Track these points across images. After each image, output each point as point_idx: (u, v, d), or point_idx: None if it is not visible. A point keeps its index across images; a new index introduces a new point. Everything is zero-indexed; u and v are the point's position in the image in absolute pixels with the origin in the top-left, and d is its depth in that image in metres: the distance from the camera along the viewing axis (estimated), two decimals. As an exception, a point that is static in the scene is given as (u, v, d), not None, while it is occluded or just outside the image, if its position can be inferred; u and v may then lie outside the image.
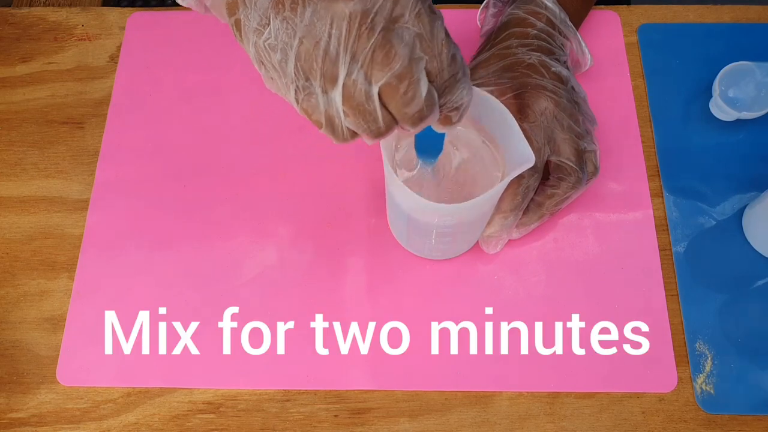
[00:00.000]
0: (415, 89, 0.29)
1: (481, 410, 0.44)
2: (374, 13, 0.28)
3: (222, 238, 0.49)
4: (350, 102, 0.30)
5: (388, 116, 0.31)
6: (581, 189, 0.46)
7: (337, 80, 0.29)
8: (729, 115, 0.50)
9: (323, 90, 0.30)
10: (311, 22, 0.28)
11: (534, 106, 0.45)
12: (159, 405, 0.45)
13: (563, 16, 0.48)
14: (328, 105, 0.30)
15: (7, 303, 0.48)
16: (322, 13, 0.28)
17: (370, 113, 0.30)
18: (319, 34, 0.28)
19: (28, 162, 0.53)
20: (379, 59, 0.29)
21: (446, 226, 0.41)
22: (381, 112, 0.30)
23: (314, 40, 0.29)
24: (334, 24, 0.28)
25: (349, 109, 0.30)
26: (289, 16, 0.29)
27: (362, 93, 0.29)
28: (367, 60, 0.29)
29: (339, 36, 0.28)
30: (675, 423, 0.44)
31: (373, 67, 0.29)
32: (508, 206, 0.44)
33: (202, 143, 0.52)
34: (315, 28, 0.28)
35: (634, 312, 0.46)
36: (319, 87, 0.30)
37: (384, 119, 0.30)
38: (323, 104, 0.30)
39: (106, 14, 0.58)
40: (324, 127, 0.31)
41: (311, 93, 0.30)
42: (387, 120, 0.31)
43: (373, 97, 0.29)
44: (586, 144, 0.46)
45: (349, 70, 0.29)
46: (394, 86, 0.29)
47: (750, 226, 0.48)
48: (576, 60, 0.51)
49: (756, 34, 0.55)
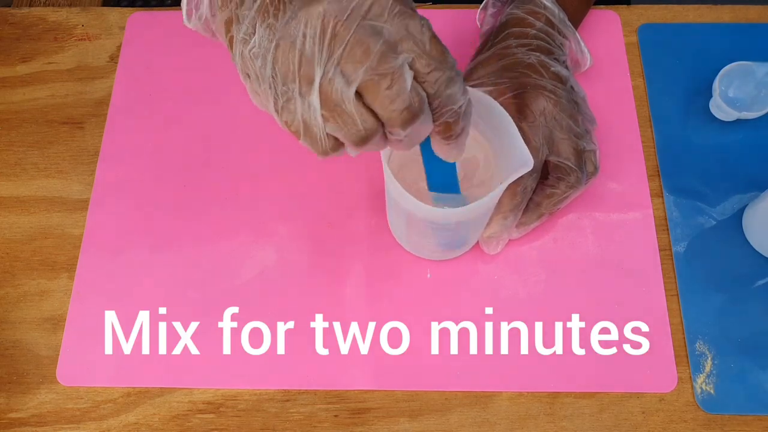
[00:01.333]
0: (399, 84, 0.28)
1: (481, 410, 0.44)
2: (349, 11, 0.27)
3: (222, 238, 0.49)
4: (328, 104, 0.28)
5: (370, 118, 0.29)
6: (580, 188, 0.46)
7: (313, 81, 0.28)
8: (729, 115, 0.50)
9: (301, 94, 0.29)
10: (288, 25, 0.28)
11: (533, 106, 0.45)
12: (159, 405, 0.45)
13: (562, 16, 0.48)
14: (306, 111, 0.29)
15: (7, 303, 0.48)
16: (299, 15, 0.28)
17: (348, 115, 0.28)
18: (294, 35, 0.28)
19: (28, 162, 0.53)
20: (355, 56, 0.27)
21: (445, 227, 0.41)
22: (360, 113, 0.28)
23: (290, 41, 0.28)
24: (308, 24, 0.28)
25: (328, 112, 0.29)
26: (272, 23, 0.29)
27: (339, 93, 0.28)
28: (343, 57, 0.27)
29: (314, 35, 0.28)
30: (675, 423, 0.44)
31: (349, 64, 0.28)
32: (507, 207, 0.44)
33: (202, 143, 0.52)
34: (291, 30, 0.28)
35: (634, 312, 0.46)
36: (297, 91, 0.29)
37: (364, 121, 0.29)
38: (301, 110, 0.29)
39: (106, 14, 0.58)
40: (302, 136, 0.30)
41: (289, 98, 0.29)
42: (368, 122, 0.29)
43: (350, 96, 0.28)
44: (585, 143, 0.46)
45: (326, 69, 0.28)
46: (375, 83, 0.28)
47: (750, 226, 0.48)
48: (575, 60, 0.51)
49: (756, 34, 0.55)
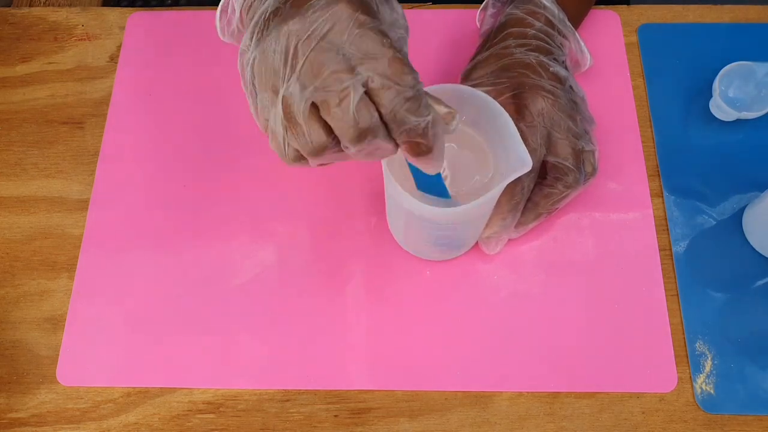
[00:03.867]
0: (346, 102, 0.29)
1: (481, 410, 0.44)
2: (310, 31, 0.30)
3: (222, 238, 0.49)
4: (287, 115, 0.31)
5: (320, 132, 0.30)
6: (578, 189, 0.46)
7: (278, 94, 0.31)
8: (729, 115, 0.50)
9: (271, 103, 0.32)
10: (265, 40, 0.31)
11: (531, 107, 0.45)
12: (159, 405, 0.45)
13: (562, 16, 0.48)
14: (273, 120, 0.32)
15: (7, 303, 0.48)
16: (272, 32, 0.31)
17: (300, 126, 0.31)
18: (267, 48, 0.31)
19: (28, 162, 0.53)
20: (310, 72, 0.30)
21: (444, 227, 0.41)
22: (310, 127, 0.30)
23: (263, 53, 0.31)
24: (278, 41, 0.31)
25: (287, 122, 0.31)
26: (259, 37, 0.33)
27: (294, 106, 0.30)
28: (301, 73, 0.30)
29: (280, 51, 0.30)
30: (675, 423, 0.44)
31: (305, 79, 0.30)
32: (506, 207, 0.45)
33: (202, 143, 0.52)
34: (267, 44, 0.31)
35: (634, 312, 0.46)
36: (268, 100, 0.32)
37: (312, 134, 0.30)
38: (271, 119, 0.32)
39: (106, 14, 0.58)
40: (270, 142, 0.33)
41: (263, 107, 0.32)
42: (316, 135, 0.30)
43: (301, 110, 0.30)
44: (584, 144, 0.45)
45: (287, 83, 0.30)
46: (326, 99, 0.30)
47: (750, 226, 0.48)
48: (575, 60, 0.50)
49: (756, 34, 0.55)
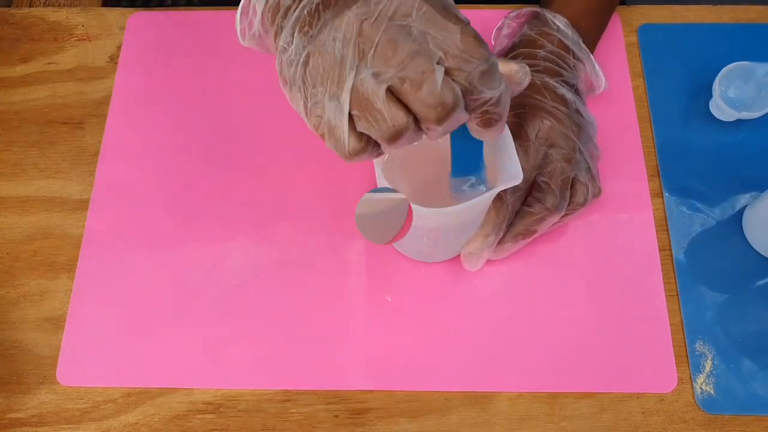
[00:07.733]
0: (430, 82, 0.28)
1: (481, 410, 0.44)
2: (378, 13, 0.29)
3: (221, 238, 0.49)
4: (359, 103, 0.29)
5: (401, 115, 0.29)
6: (557, 215, 0.44)
7: (344, 82, 0.29)
8: (729, 115, 0.50)
9: (331, 95, 0.30)
10: (321, 31, 0.30)
11: (528, 128, 0.44)
12: (159, 405, 0.45)
13: (576, 38, 0.48)
14: (332, 113, 0.30)
15: (7, 303, 0.48)
16: (330, 22, 0.30)
17: (379, 111, 0.29)
18: (325, 40, 0.30)
19: (28, 162, 0.53)
20: (384, 56, 0.29)
21: (429, 229, 0.41)
22: (390, 110, 0.29)
23: (322, 46, 0.30)
24: (339, 29, 0.29)
25: (359, 111, 0.30)
26: (307, 31, 0.31)
27: (369, 91, 0.29)
28: (373, 57, 0.29)
29: (343, 39, 0.29)
30: (675, 423, 0.44)
31: (379, 63, 0.29)
32: (490, 225, 0.44)
33: (202, 143, 0.52)
34: (323, 36, 0.30)
35: (634, 312, 0.46)
36: (327, 93, 0.30)
37: (394, 118, 0.29)
38: (329, 112, 0.30)
39: (106, 14, 0.58)
40: (327, 139, 0.31)
41: (317, 102, 0.31)
42: (398, 119, 0.29)
43: (381, 95, 0.29)
44: (577, 172, 0.45)
45: (358, 69, 0.29)
46: (406, 82, 0.29)
47: (750, 226, 0.48)
48: (589, 82, 0.50)
49: (756, 34, 0.55)
